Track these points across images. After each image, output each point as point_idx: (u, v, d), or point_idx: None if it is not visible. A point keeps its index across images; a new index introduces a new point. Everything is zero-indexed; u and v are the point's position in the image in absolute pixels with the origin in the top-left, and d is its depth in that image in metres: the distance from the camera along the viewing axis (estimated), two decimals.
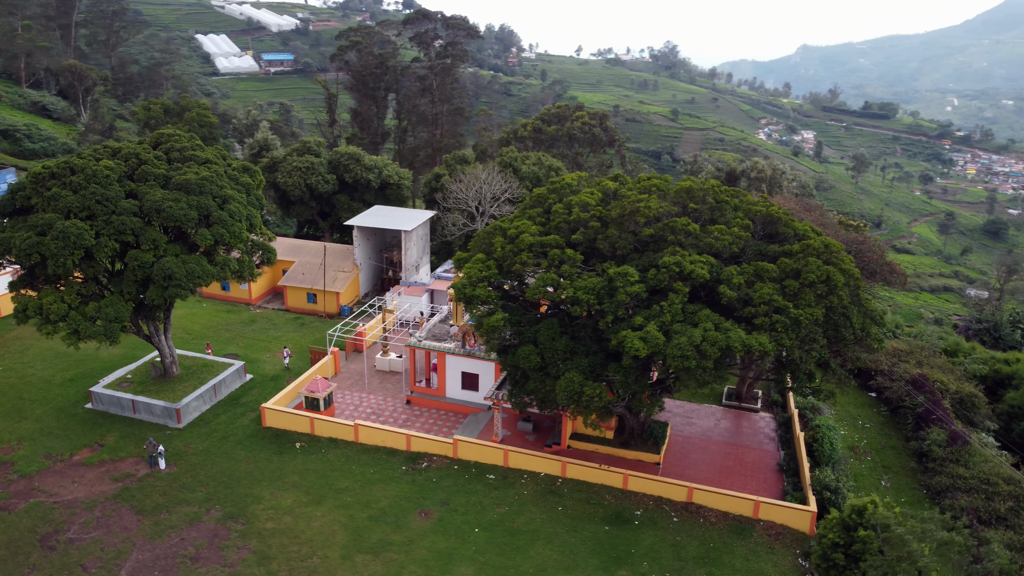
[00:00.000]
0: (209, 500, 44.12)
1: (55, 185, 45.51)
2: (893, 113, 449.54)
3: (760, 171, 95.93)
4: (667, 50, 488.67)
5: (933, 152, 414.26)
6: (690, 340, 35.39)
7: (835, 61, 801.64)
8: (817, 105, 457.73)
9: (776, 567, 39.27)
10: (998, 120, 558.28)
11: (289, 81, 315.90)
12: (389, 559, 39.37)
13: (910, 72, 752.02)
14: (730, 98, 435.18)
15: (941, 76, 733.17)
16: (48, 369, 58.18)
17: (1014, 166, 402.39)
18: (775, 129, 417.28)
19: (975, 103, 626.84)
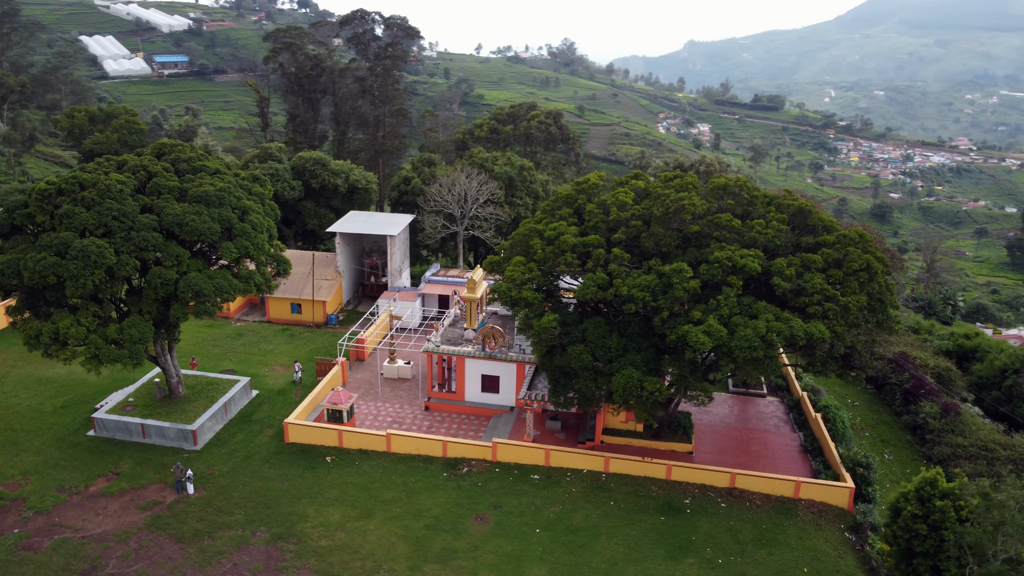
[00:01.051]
0: (251, 522, 42.76)
1: (65, 202, 43.00)
2: (781, 105, 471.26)
3: (709, 165, 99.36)
4: (565, 47, 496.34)
5: (819, 141, 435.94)
6: (756, 331, 36.88)
7: (720, 56, 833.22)
8: (711, 99, 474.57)
9: (828, 542, 41.41)
10: (871, 110, 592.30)
11: (185, 84, 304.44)
12: (459, 567, 39.27)
13: (790, 65, 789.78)
14: (629, 94, 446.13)
15: (818, 69, 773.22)
16: (34, 397, 54.75)
17: (892, 152, 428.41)
18: (673, 123, 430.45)
19: (850, 94, 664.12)
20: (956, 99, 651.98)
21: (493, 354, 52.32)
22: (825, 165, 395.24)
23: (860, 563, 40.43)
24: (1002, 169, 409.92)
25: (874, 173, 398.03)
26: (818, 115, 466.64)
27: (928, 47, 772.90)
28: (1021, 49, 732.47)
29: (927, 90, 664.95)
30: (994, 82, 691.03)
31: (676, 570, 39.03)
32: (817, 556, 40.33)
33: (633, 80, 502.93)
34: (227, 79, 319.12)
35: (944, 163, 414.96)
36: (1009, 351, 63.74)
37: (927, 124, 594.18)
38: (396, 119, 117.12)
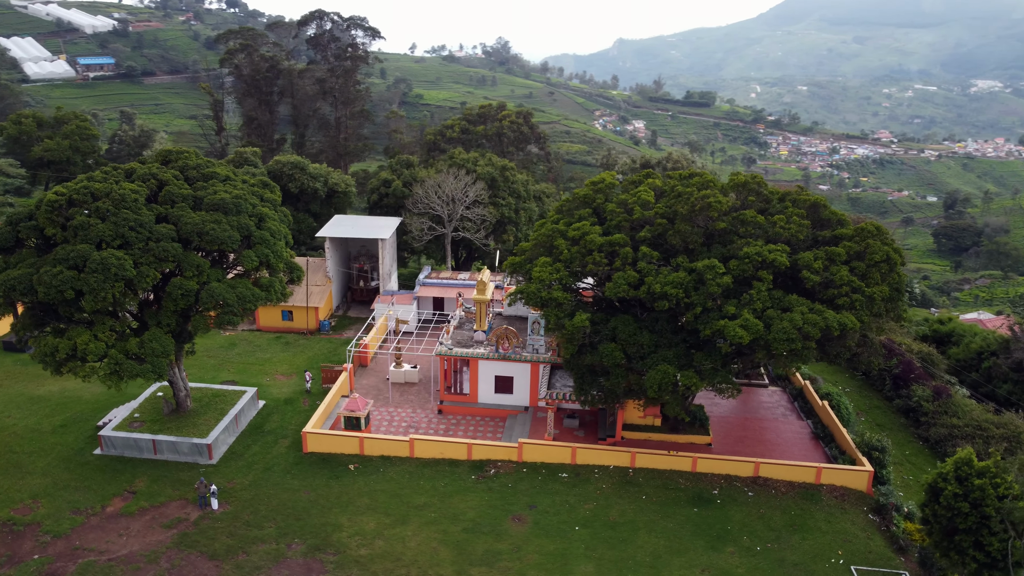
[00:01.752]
0: (284, 534, 42.05)
1: (78, 213, 41.48)
2: (712, 101, 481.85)
3: (676, 162, 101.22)
4: (499, 46, 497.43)
5: (750, 136, 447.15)
6: (792, 324, 38.05)
7: (649, 53, 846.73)
8: (644, 96, 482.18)
9: (854, 525, 42.99)
10: (795, 104, 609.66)
11: (113, 87, 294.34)
12: (505, 568, 39.43)
13: (716, 62, 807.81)
14: (565, 92, 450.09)
15: (743, 66, 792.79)
16: (29, 416, 52.57)
17: (819, 146, 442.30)
18: (609, 120, 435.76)
19: (775, 89, 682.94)
20: (874, 93, 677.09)
21: (507, 355, 52.50)
22: (757, 159, 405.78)
23: (888, 543, 42.15)
24: (922, 160, 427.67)
25: (803, 166, 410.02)
26: (748, 110, 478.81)
27: (846, 43, 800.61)
28: (933, 45, 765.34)
29: (847, 85, 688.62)
30: (909, 76, 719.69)
31: (718, 559, 40.00)
32: (847, 538, 41.85)
33: (568, 78, 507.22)
34: (157, 81, 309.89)
35: (868, 155, 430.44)
36: (983, 334, 66.99)
37: (848, 118, 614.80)
38: (358, 121, 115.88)
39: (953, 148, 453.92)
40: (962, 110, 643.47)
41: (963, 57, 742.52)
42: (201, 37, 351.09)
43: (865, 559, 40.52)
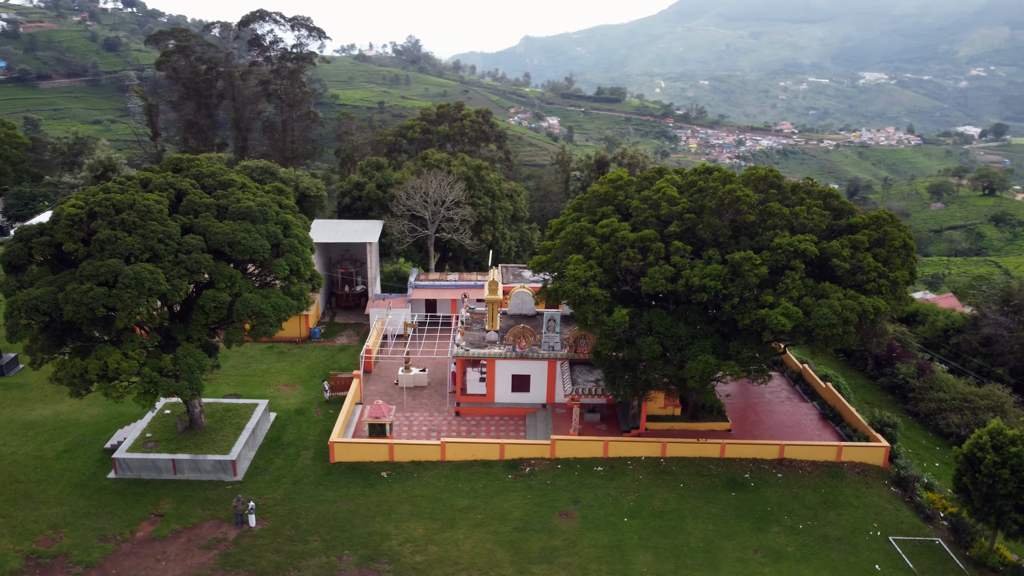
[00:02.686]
0: (332, 547, 41.31)
1: (101, 226, 39.60)
2: (622, 97, 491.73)
3: (631, 157, 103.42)
4: (410, 44, 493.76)
5: (660, 130, 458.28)
6: (832, 310, 39.86)
7: (555, 50, 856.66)
8: (556, 93, 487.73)
9: (880, 498, 45.35)
10: (698, 99, 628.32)
11: (5, 91, 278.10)
12: (566, 564, 39.87)
13: (620, 58, 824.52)
14: (479, 90, 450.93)
15: (646, 61, 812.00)
16: (27, 443, 49.72)
17: (726, 138, 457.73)
18: (524, 117, 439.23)
19: (678, 84, 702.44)
20: (771, 86, 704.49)
21: (524, 353, 52.84)
22: (669, 152, 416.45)
23: (915, 512, 44.65)
24: (821, 150, 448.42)
25: (713, 158, 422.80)
26: (657, 105, 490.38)
27: (743, 39, 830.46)
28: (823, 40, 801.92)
29: (746, 79, 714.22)
30: (802, 70, 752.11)
31: (766, 539, 41.53)
32: (879, 511, 44.11)
33: (480, 76, 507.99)
34: (54, 85, 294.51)
35: (772, 146, 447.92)
36: (946, 313, 71.27)
37: (748, 110, 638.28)
38: (306, 123, 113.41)
39: (849, 138, 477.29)
40: (852, 101, 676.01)
41: (851, 51, 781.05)
42: (100, 38, 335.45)
43: (898, 529, 42.84)
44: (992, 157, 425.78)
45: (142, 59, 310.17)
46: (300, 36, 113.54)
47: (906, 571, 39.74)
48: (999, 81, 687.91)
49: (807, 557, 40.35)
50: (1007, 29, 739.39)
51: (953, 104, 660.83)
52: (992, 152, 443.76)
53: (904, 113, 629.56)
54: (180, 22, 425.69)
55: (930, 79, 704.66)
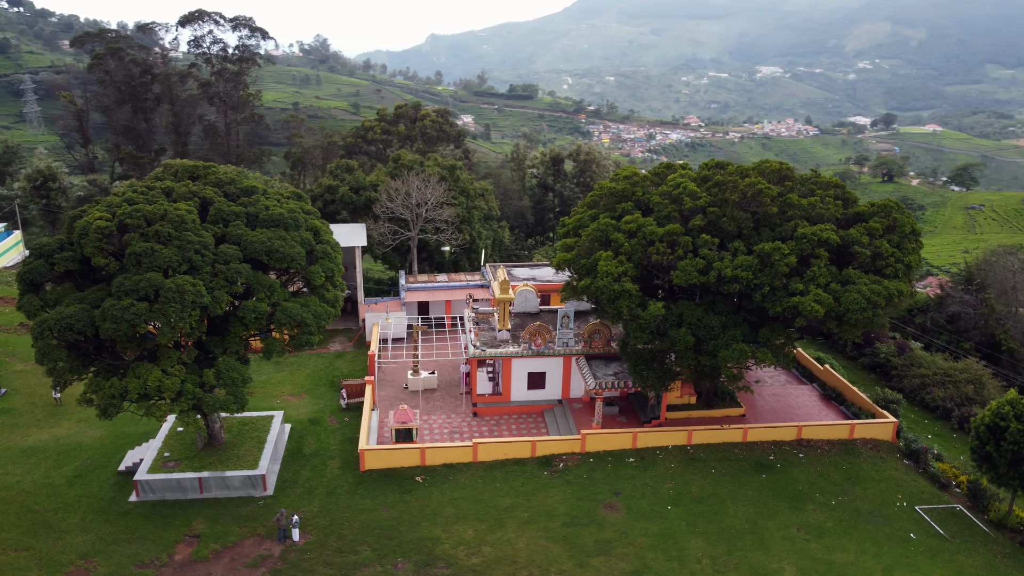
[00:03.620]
0: (384, 555, 40.84)
1: (134, 239, 37.93)
2: (534, 94, 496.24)
3: (588, 153, 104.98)
4: (318, 44, 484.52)
5: (573, 126, 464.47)
6: (861, 295, 41.90)
7: (462, 48, 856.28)
8: (469, 90, 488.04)
9: (897, 471, 47.94)
10: (605, 94, 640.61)
11: None
12: (623, 554, 40.64)
13: (527, 56, 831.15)
14: (392, 89, 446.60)
15: (553, 58, 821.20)
16: (32, 471, 47.00)
17: (637, 132, 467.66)
18: None
19: (585, 80, 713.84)
20: (674, 81, 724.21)
21: (540, 350, 53.29)
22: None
23: (930, 482, 47.41)
24: (727, 142, 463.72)
25: (626, 152, 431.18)
26: (569, 101, 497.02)
27: (645, 35, 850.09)
28: (721, 35, 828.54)
29: (650, 74, 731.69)
30: (703, 65, 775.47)
31: (805, 517, 43.36)
32: (899, 483, 46.65)
33: (391, 75, 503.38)
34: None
35: (681, 139, 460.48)
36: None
37: (653, 105, 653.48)
38: (250, 126, 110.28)
39: (753, 130, 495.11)
40: (751, 94, 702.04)
41: (747, 46, 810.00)
42: None
43: (921, 499, 45.43)
44: (884, 145, 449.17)
45: (33, 61, 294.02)
46: (242, 37, 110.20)
47: (938, 537, 42.25)
48: (884, 73, 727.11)
49: (847, 531, 42.35)
50: (889, 24, 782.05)
51: (843, 95, 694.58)
52: (883, 140, 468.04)
53: (799, 105, 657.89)
54: (73, 22, 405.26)
55: (821, 72, 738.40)
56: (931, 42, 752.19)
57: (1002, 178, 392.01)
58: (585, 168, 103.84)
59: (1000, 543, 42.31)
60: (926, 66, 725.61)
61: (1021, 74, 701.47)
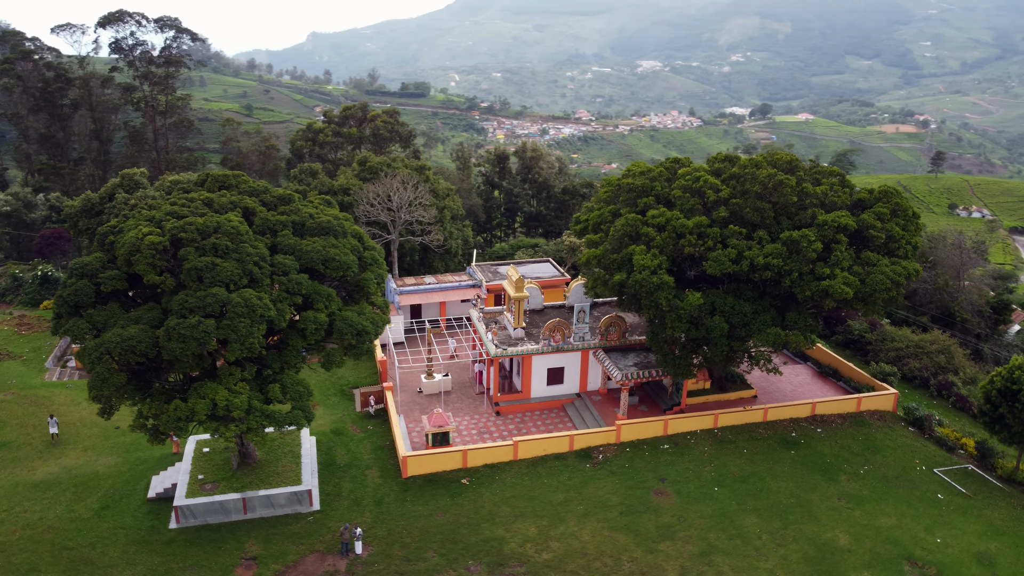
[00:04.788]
0: (453, 560, 40.69)
1: (190, 253, 36.31)
2: (427, 91, 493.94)
3: (534, 150, 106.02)
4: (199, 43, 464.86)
5: (468, 123, 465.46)
6: (885, 276, 44.78)
7: (345, 47, 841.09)
8: (361, 89, 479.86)
9: (907, 438, 51.47)
10: (493, 90, 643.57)
11: None
12: (686, 537, 42.01)
13: (412, 53, 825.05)
14: (281, 89, 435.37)
15: (438, 55, 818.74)
16: (51, 506, 44.00)
17: (530, 128, 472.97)
18: None
19: (472, 77, 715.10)
20: (560, 76, 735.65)
21: (559, 346, 54.05)
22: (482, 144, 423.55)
23: (938, 446, 51.11)
24: (618, 135, 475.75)
25: None
26: (462, 98, 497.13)
27: (528, 31, 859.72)
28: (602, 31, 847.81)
29: (535, 70, 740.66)
30: (586, 60, 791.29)
31: (841, 488, 46.00)
32: (912, 450, 50.12)
33: (278, 75, 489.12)
34: None
35: (574, 133, 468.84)
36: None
37: (540, 100, 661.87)
38: (180, 131, 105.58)
39: (641, 122, 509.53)
40: (633, 88, 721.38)
41: (627, 41, 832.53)
42: None
43: (935, 462, 49.00)
44: (762, 134, 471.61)
45: None
46: (168, 39, 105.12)
47: (961, 496, 45.76)
48: (755, 66, 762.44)
49: (882, 497, 45.23)
50: (757, 19, 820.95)
51: (720, 87, 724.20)
52: (761, 130, 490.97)
53: (679, 97, 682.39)
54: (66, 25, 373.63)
55: (698, 65, 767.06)
56: (796, 35, 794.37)
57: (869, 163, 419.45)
58: (532, 165, 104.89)
59: (1015, 496, 46.28)
60: (793, 58, 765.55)
61: (877, 65, 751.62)
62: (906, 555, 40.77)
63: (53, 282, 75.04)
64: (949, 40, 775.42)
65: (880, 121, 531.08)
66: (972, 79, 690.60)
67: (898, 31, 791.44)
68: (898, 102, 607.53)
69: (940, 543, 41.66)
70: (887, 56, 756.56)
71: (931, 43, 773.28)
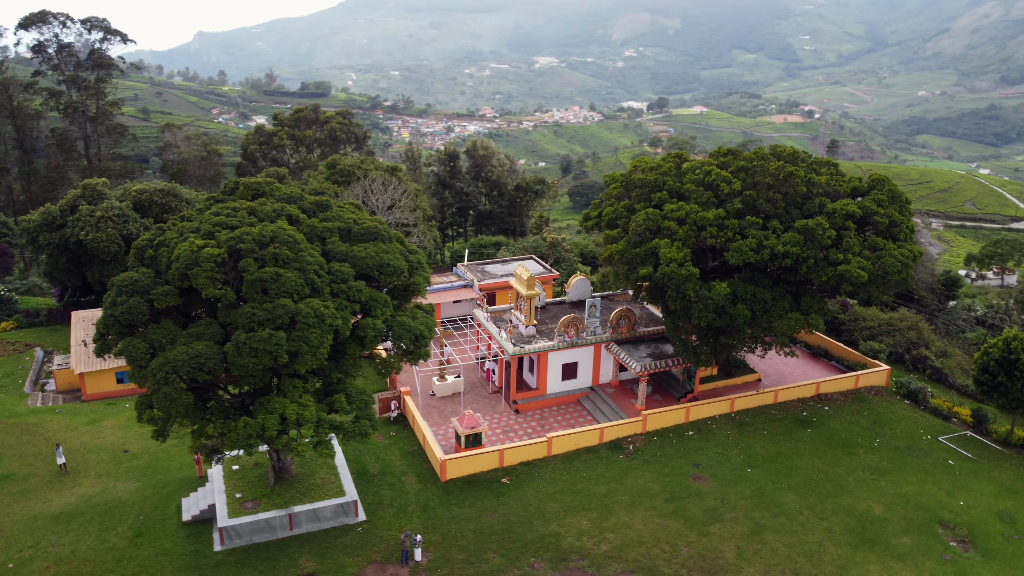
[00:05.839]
0: (515, 559, 40.87)
1: (250, 264, 35.12)
2: (328, 91, 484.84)
3: (486, 148, 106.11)
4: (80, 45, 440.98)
5: (372, 122, 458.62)
6: (895, 258, 47.50)
7: (234, 46, 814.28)
8: (259, 90, 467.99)
9: (906, 410, 54.74)
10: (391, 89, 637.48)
11: None
12: (733, 518, 43.52)
13: (305, 52, 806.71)
14: (174, 91, 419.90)
15: (332, 54, 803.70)
16: (81, 538, 41.42)
17: (435, 126, 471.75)
18: (229, 117, 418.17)
19: (369, 76, 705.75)
20: (458, 74, 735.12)
21: (574, 341, 54.76)
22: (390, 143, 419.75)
23: (935, 416, 54.53)
24: (522, 131, 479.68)
25: (427, 146, 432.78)
26: (365, 97, 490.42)
27: (424, 29, 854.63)
28: (497, 28, 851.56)
29: (433, 67, 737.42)
30: (483, 57, 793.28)
31: (861, 460, 48.61)
32: (914, 421, 53.35)
33: (169, 76, 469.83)
34: None
35: (479, 130, 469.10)
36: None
37: (440, 97, 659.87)
38: (113, 137, 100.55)
39: (544, 118, 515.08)
40: (531, 84, 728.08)
41: (523, 37, 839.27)
42: None
43: (937, 431, 52.33)
44: (660, 127, 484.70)
45: None
46: (94, 41, 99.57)
47: (969, 460, 49.13)
48: (648, 61, 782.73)
49: (900, 468, 48.03)
50: (648, 15, 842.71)
51: (615, 82, 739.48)
52: (659, 123, 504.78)
53: (576, 93, 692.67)
54: None
55: (593, 61, 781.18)
56: (686, 31, 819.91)
57: None
58: (483, 163, 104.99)
59: (1014, 457, 50.02)
60: (683, 53, 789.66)
61: (762, 58, 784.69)
62: (937, 519, 43.55)
63: (5, 301, 70.37)
64: (826, 34, 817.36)
65: (768, 112, 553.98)
66: (848, 70, 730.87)
67: (779, 25, 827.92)
68: (783, 93, 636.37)
69: (963, 505, 44.67)
70: (770, 49, 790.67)
71: (810, 37, 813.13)
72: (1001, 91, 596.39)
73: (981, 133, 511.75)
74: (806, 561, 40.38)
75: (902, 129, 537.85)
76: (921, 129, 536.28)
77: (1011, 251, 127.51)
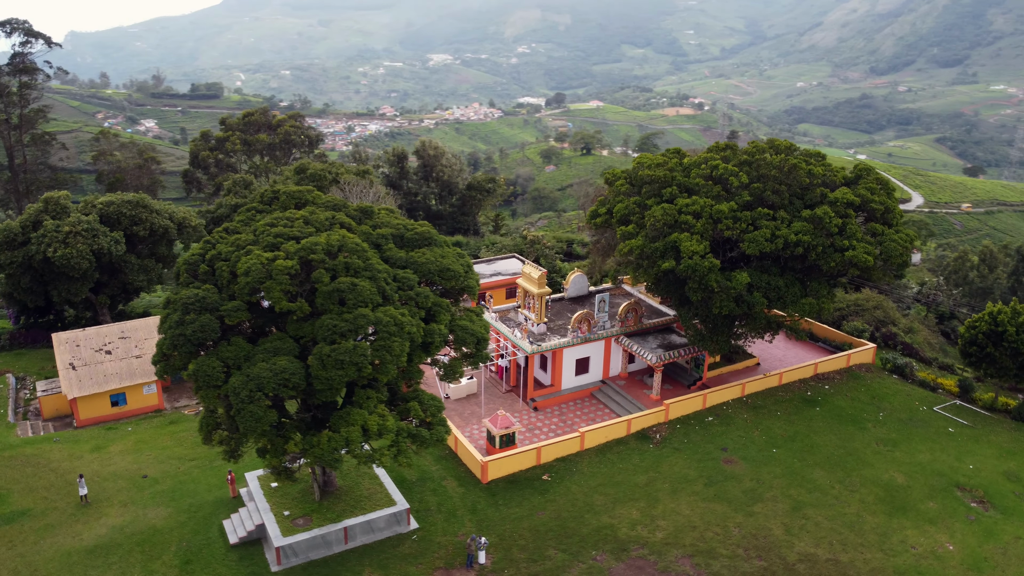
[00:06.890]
0: (576, 554, 41.42)
1: (323, 275, 34.32)
2: (220, 92, 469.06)
3: (436, 148, 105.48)
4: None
5: None
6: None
7: (111, 46, 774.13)
8: (145, 92, 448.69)
9: (897, 384, 58.31)
10: (283, 89, 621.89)
11: None
12: (773, 497, 45.43)
13: (188, 52, 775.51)
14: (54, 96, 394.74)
15: (218, 54, 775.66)
16: (125, 571, 39.14)
17: (336, 126, 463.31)
18: (116, 121, 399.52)
19: (259, 75, 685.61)
20: (352, 72, 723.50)
21: (587, 336, 55.65)
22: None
23: (922, 387, 58.23)
24: (424, 129, 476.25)
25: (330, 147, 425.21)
26: (260, 98, 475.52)
27: (313, 27, 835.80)
28: (389, 26, 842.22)
29: (325, 66, 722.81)
30: (376, 55, 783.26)
31: (873, 434, 51.54)
32: (907, 394, 56.88)
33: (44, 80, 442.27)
34: None
35: (380, 130, 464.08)
36: None
37: (334, 97, 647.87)
38: (41, 147, 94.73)
39: (444, 116, 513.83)
40: (427, 81, 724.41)
41: (416, 35, 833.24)
42: None
43: (929, 402, 56.00)
44: (559, 122, 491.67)
45: None
46: (14, 45, 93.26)
47: (965, 427, 52.82)
48: (541, 57, 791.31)
49: (908, 438, 51.21)
50: (539, 11, 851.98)
51: (510, 79, 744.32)
52: (558, 118, 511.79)
53: (472, 89, 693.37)
54: None
55: (487, 58, 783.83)
56: (576, 27, 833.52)
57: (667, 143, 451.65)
58: (433, 163, 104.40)
59: (1003, 422, 54.08)
60: (575, 48, 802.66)
61: (650, 53, 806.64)
62: (954, 483, 46.75)
63: None
64: (709, 28, 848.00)
65: (660, 105, 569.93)
66: (731, 63, 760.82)
67: (665, 20, 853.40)
68: (672, 87, 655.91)
69: (973, 469, 48.11)
70: (658, 44, 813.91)
71: (694, 31, 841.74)
72: (871, 81, 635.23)
73: (855, 121, 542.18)
74: (849, 531, 42.65)
75: (784, 119, 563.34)
76: (802, 118, 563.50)
77: (916, 231, 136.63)
